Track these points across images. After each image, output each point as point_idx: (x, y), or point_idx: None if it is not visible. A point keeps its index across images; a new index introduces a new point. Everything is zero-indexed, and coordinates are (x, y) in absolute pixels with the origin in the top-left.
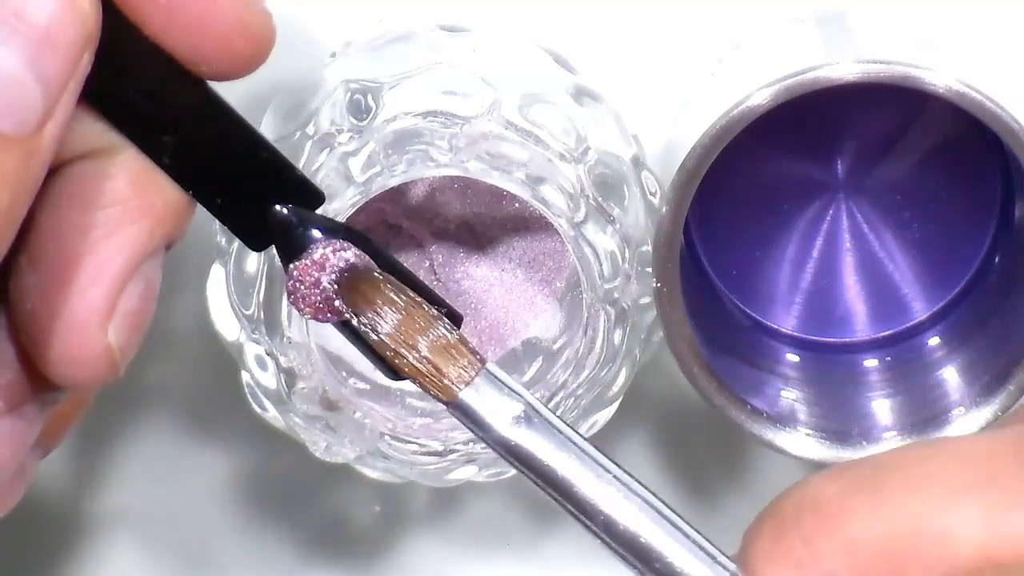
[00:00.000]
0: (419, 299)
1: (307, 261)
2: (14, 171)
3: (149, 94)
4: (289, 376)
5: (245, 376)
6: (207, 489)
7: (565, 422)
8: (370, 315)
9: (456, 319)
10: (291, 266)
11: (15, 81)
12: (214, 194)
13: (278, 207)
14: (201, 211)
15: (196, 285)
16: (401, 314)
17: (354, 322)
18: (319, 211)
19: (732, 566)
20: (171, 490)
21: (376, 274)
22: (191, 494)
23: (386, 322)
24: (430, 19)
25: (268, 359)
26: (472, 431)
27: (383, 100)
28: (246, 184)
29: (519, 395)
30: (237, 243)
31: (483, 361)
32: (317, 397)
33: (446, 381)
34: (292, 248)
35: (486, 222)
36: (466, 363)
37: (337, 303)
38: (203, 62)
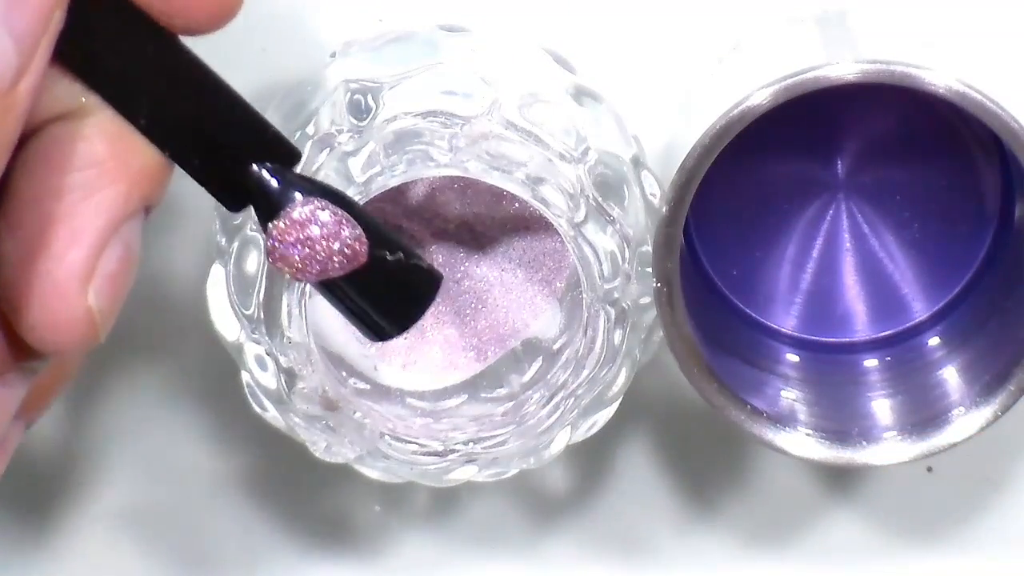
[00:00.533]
0: None
1: (286, 220)
2: None
3: (123, 52)
4: (289, 376)
5: (245, 376)
6: (207, 489)
7: None
8: None
9: (436, 278)
10: (270, 225)
11: None
12: (190, 154)
13: (255, 166)
14: (200, 210)
15: (196, 285)
16: None
17: None
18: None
19: None
20: (171, 490)
21: None
22: (191, 493)
23: None
24: (430, 19)
25: (268, 359)
26: None
27: (383, 100)
28: (222, 143)
29: None
30: (237, 243)
31: None
32: (317, 397)
33: None
34: (270, 207)
35: (486, 222)
36: None
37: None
38: (176, 14)
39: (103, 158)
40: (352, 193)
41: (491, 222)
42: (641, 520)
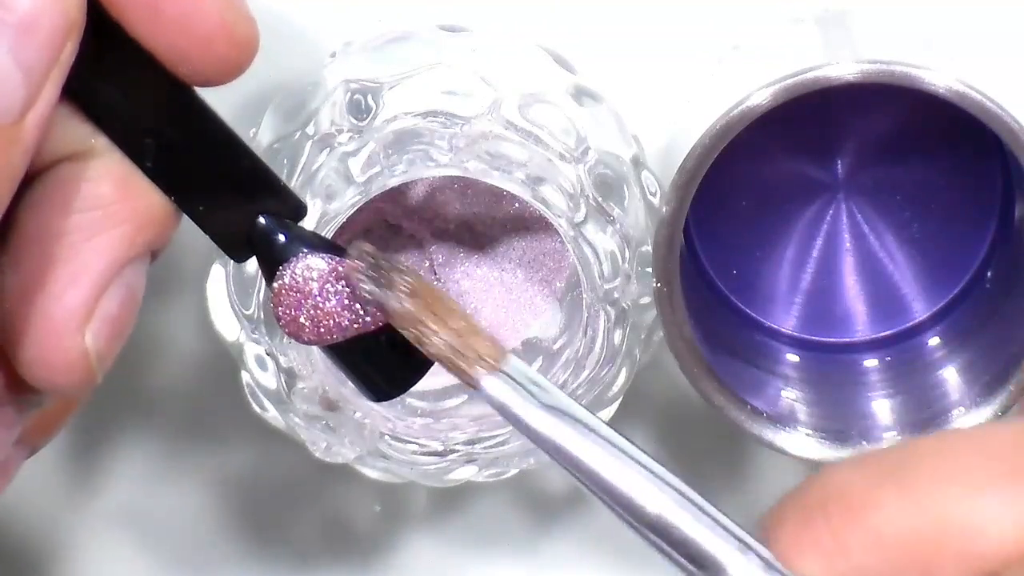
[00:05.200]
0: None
1: (286, 280)
2: (2, 163)
3: (132, 95)
4: (289, 376)
5: (245, 376)
6: (207, 489)
7: (590, 410)
8: (400, 296)
9: None
10: (275, 285)
11: None
12: (196, 201)
13: (260, 219)
14: None
15: (196, 285)
16: (430, 299)
17: (385, 303)
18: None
19: (765, 552)
20: (170, 490)
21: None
22: (191, 494)
23: (416, 296)
24: (430, 19)
25: (268, 359)
26: (503, 415)
27: (383, 100)
28: (228, 192)
29: (539, 384)
30: None
31: (506, 350)
32: (317, 397)
33: (479, 364)
34: (273, 261)
35: (486, 222)
36: (497, 345)
37: (365, 292)
38: (185, 63)
39: (109, 200)
40: (352, 193)
41: (491, 222)
42: None
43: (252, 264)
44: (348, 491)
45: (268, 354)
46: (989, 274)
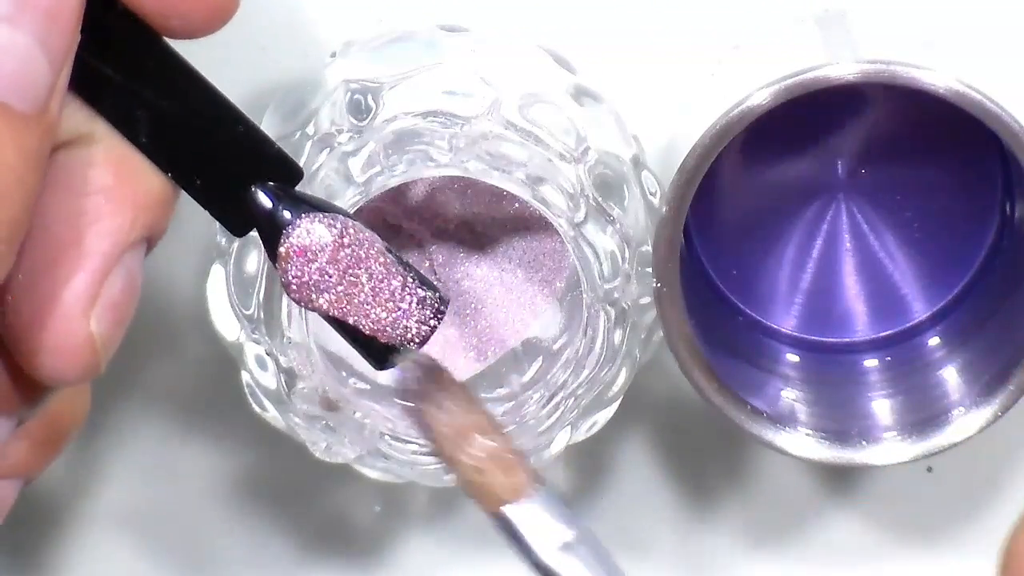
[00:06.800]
0: (484, 411)
1: (292, 241)
2: (35, 150)
3: (122, 66)
4: (289, 376)
5: (245, 376)
6: (207, 489)
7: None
8: (433, 408)
9: (444, 302)
10: (281, 248)
11: (27, 59)
12: (192, 174)
13: (257, 189)
14: (200, 210)
15: (196, 285)
16: (463, 413)
17: (420, 413)
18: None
19: None
20: (170, 490)
21: (446, 375)
22: (191, 494)
23: (447, 418)
24: (430, 19)
25: (268, 359)
26: (514, 548)
27: (383, 100)
28: (223, 162)
29: (571, 523)
30: (237, 243)
31: (541, 481)
32: (317, 397)
33: (496, 491)
34: (273, 230)
35: (486, 222)
36: (521, 479)
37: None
38: (175, 14)
39: (109, 184)
40: (352, 193)
41: (491, 222)
42: (641, 520)
43: (252, 264)
44: (348, 491)
45: (268, 354)
46: (989, 274)
